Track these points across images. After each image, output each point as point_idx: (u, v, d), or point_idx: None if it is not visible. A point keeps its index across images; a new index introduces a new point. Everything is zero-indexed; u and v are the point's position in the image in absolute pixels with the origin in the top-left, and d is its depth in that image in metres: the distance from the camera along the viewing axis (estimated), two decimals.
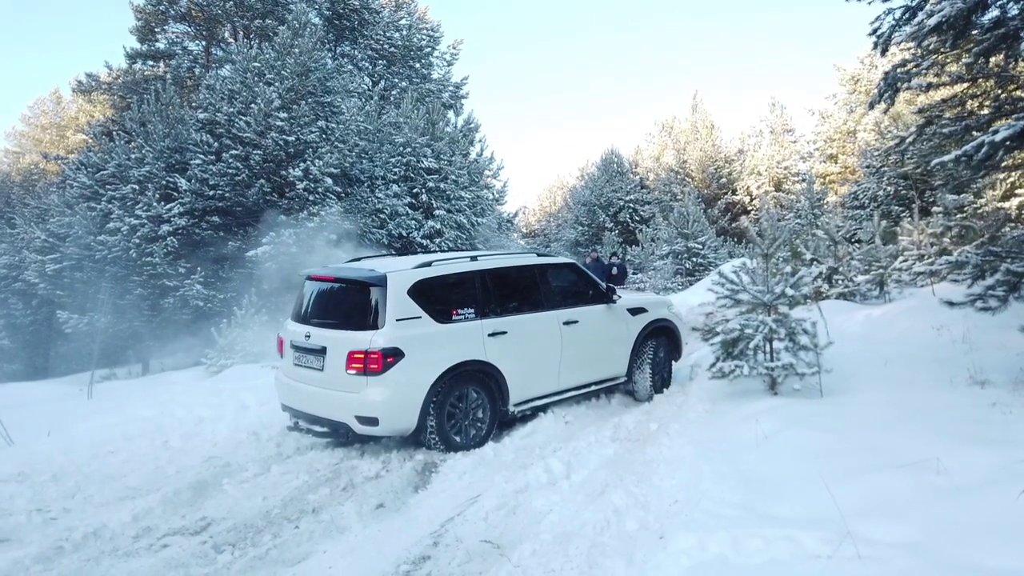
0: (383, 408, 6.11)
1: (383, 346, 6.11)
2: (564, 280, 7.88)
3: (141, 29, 25.41)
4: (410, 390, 6.21)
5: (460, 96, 31.31)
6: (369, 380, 6.12)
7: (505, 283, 7.19)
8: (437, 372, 6.34)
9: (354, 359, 6.17)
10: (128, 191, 17.29)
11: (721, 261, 23.67)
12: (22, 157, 41.14)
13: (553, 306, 7.43)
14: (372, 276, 6.55)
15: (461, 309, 6.72)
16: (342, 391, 6.28)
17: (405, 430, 6.33)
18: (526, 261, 7.67)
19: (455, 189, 23.07)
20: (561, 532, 4.05)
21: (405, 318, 6.31)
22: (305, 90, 19.11)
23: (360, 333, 6.27)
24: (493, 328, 6.81)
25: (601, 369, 7.81)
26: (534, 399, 7.14)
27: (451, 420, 6.50)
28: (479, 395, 6.70)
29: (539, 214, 49.42)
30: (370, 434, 6.32)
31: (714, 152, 40.96)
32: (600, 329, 7.78)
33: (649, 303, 8.58)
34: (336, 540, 4.45)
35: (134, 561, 4.45)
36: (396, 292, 6.34)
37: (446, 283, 6.76)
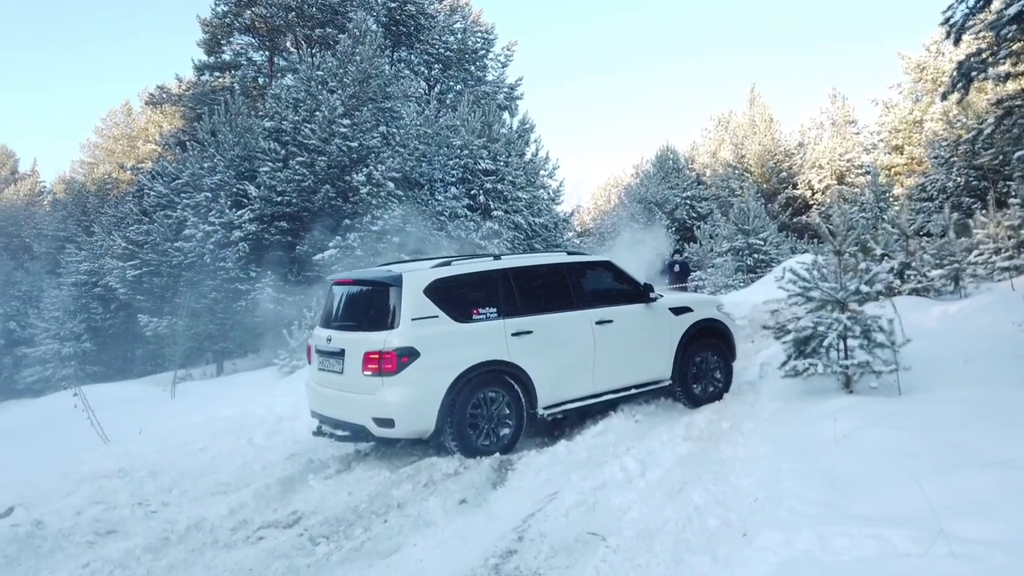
0: (399, 409, 6.06)
1: (397, 345, 6.06)
2: (597, 279, 7.66)
3: (208, 42, 26.40)
4: (427, 390, 6.12)
5: (515, 97, 31.53)
6: (384, 381, 6.07)
7: (530, 282, 7.02)
8: (455, 372, 6.23)
9: (370, 360, 6.14)
10: (201, 199, 18.04)
11: (784, 257, 23.26)
12: (96, 167, 43.11)
13: (585, 305, 7.18)
14: (388, 276, 6.53)
15: (482, 308, 6.58)
16: (360, 393, 6.25)
17: (423, 432, 6.24)
18: (553, 259, 7.52)
19: (512, 190, 23.27)
20: (643, 528, 4.15)
21: (421, 317, 6.23)
22: (366, 96, 19.57)
23: (376, 334, 6.24)
24: (517, 328, 6.65)
25: (641, 371, 7.49)
26: (567, 402, 6.92)
27: (472, 423, 6.34)
28: (503, 397, 6.52)
29: (594, 212, 49.23)
30: (387, 436, 6.26)
31: (773, 146, 40.17)
32: (638, 329, 7.48)
33: (695, 302, 8.25)
34: (424, 534, 4.63)
35: (236, 552, 4.72)
36: (412, 291, 6.29)
37: (466, 282, 6.65)
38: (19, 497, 6.24)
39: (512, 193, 23.16)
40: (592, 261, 7.86)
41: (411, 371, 6.05)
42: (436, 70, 29.81)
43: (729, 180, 38.62)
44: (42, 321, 25.72)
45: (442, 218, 20.76)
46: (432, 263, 6.80)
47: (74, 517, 5.67)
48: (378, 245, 18.10)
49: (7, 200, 44.08)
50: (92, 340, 25.42)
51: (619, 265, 7.88)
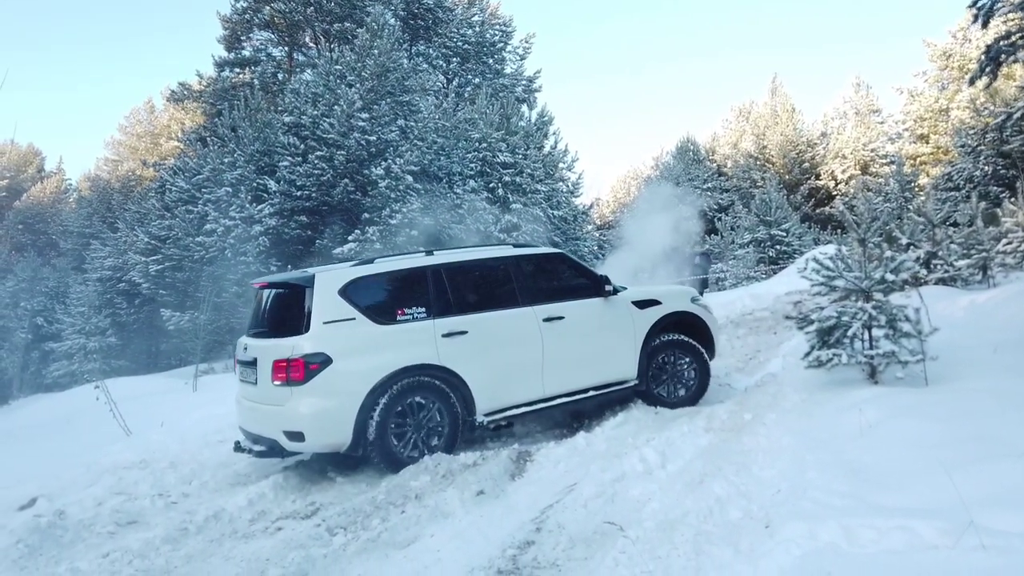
0: (308, 421, 5.65)
1: (306, 352, 5.65)
2: (548, 273, 7.19)
3: (228, 38, 26.58)
4: (340, 400, 5.70)
5: (533, 90, 31.44)
6: (293, 391, 5.66)
7: (466, 279, 6.60)
8: (374, 379, 5.80)
9: (278, 368, 5.73)
10: (222, 194, 18.18)
11: (806, 248, 23.01)
12: (120, 165, 43.64)
13: (531, 302, 6.69)
14: (301, 277, 6.17)
15: (409, 308, 6.14)
16: (272, 404, 5.87)
17: (338, 445, 5.83)
18: (495, 254, 6.98)
19: (531, 183, 23.20)
20: (664, 520, 4.08)
21: (335, 320, 5.83)
22: (384, 90, 19.58)
23: (286, 340, 5.85)
24: (449, 328, 6.19)
25: (600, 372, 6.97)
26: (511, 407, 6.46)
27: (398, 432, 5.91)
28: (433, 404, 6.06)
29: (613, 205, 48.99)
30: (299, 451, 5.94)
31: (795, 136, 39.70)
32: (594, 326, 6.98)
33: (664, 295, 7.66)
34: (441, 524, 4.60)
35: (254, 542, 4.73)
36: (324, 293, 5.89)
37: (389, 281, 6.28)
38: (42, 488, 6.32)
39: (531, 186, 23.08)
40: (542, 254, 7.32)
41: (321, 379, 5.64)
42: (454, 63, 29.78)
43: (750, 171, 38.26)
44: (68, 316, 26.11)
45: (461, 211, 20.74)
46: (354, 262, 6.45)
47: (95, 508, 5.73)
48: (397, 239, 18.13)
49: (34, 198, 44.76)
50: (117, 335, 25.77)
51: (574, 257, 7.43)
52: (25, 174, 48.57)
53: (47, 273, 31.72)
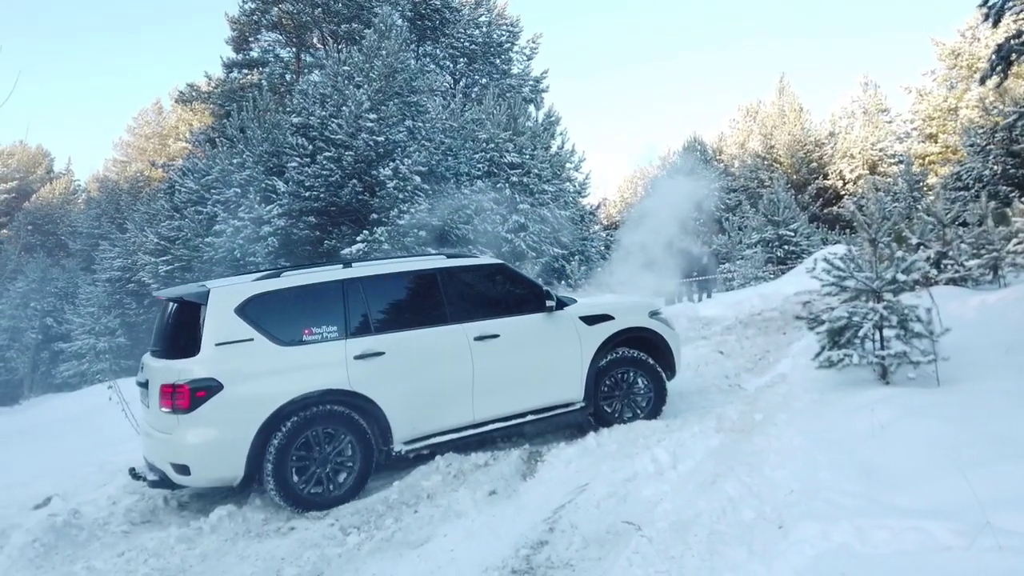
0: (193, 454, 5.16)
1: (193, 377, 5.15)
2: (483, 286, 6.64)
3: (236, 39, 26.68)
4: (231, 430, 5.18)
5: (540, 90, 31.45)
6: (179, 420, 5.16)
7: (386, 294, 6.03)
8: (271, 407, 5.25)
9: (164, 394, 5.24)
10: (231, 194, 18.27)
11: (814, 248, 22.95)
12: (129, 166, 43.91)
13: (461, 318, 6.13)
14: (195, 292, 5.63)
15: (318, 328, 5.58)
16: (161, 432, 5.39)
17: (229, 480, 5.31)
18: (422, 266, 6.37)
19: (538, 183, 23.22)
20: (676, 520, 4.09)
21: (229, 342, 5.29)
22: (392, 91, 19.63)
23: (175, 362, 5.35)
24: (363, 349, 5.63)
25: (540, 394, 6.43)
26: (435, 435, 5.89)
27: (300, 466, 5.34)
28: (342, 436, 5.48)
29: (620, 205, 48.97)
30: (187, 484, 5.41)
31: (803, 136, 39.61)
32: (534, 344, 6.42)
33: (617, 308, 7.08)
34: (454, 524, 4.63)
35: (268, 542, 4.76)
36: (218, 311, 5.35)
37: (296, 297, 5.66)
38: (56, 487, 6.37)
39: (538, 186, 23.10)
40: (476, 265, 6.71)
41: (209, 408, 5.13)
42: (461, 64, 29.82)
43: (758, 171, 38.19)
44: (78, 317, 26.26)
45: (468, 211, 20.77)
46: (256, 275, 5.90)
47: (110, 507, 5.77)
48: (405, 239, 18.18)
49: (43, 199, 45.02)
50: (126, 335, 25.91)
51: (514, 268, 6.89)
52: (34, 175, 48.86)
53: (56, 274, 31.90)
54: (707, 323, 12.06)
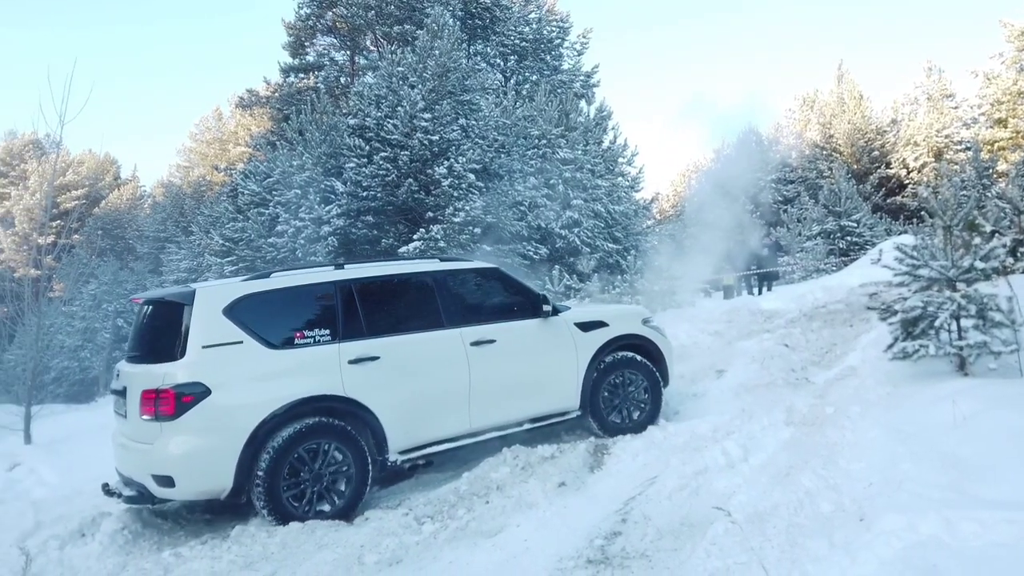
0: (178, 464, 4.87)
1: (179, 381, 4.87)
2: (478, 291, 6.50)
3: (292, 44, 27.29)
4: (219, 439, 4.90)
5: (591, 85, 31.29)
6: (163, 427, 4.87)
7: (380, 297, 5.84)
8: (262, 414, 4.97)
9: (146, 400, 4.95)
10: (292, 196, 18.69)
11: (878, 239, 22.28)
12: (191, 170, 45.35)
13: (457, 323, 5.95)
14: (179, 293, 5.43)
15: (309, 331, 5.35)
16: (140, 443, 5.10)
17: (216, 492, 5.03)
18: (416, 268, 6.24)
19: (591, 178, 23.12)
20: (752, 512, 4.06)
21: (217, 344, 5.03)
22: (445, 90, 19.79)
23: (157, 366, 5.07)
24: (357, 353, 5.40)
25: (537, 402, 6.28)
26: (432, 443, 5.70)
27: (292, 480, 5.06)
28: (336, 445, 5.21)
29: (673, 199, 48.40)
30: (170, 498, 5.13)
31: (864, 124, 38.42)
32: (530, 351, 6.28)
33: (611, 315, 6.96)
34: (526, 515, 4.67)
35: (345, 530, 4.89)
36: (206, 311, 5.09)
37: (286, 299, 5.43)
38: None
39: (591, 181, 22.99)
40: (471, 269, 6.59)
41: (196, 414, 4.85)
42: (512, 61, 29.85)
43: (817, 161, 37.23)
44: None
45: (522, 208, 20.79)
46: (246, 276, 5.81)
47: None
48: (460, 237, 18.32)
49: (111, 204, 46.84)
50: None
51: (509, 273, 6.77)
52: (103, 182, 50.81)
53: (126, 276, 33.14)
54: (769, 316, 11.84)
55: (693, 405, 7.53)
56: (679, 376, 8.72)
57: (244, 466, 4.94)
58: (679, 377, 8.67)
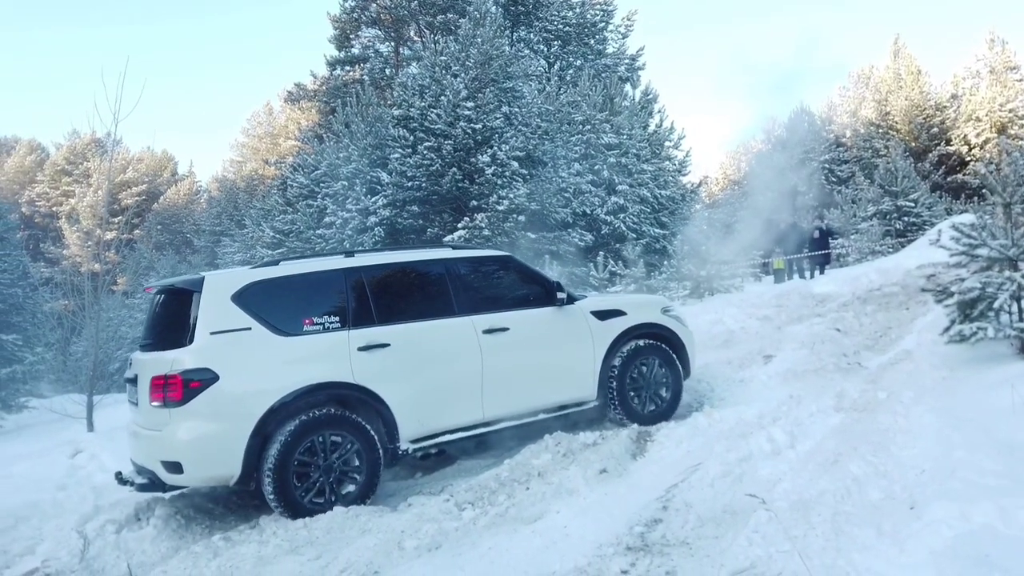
0: (187, 449, 4.87)
1: (187, 367, 4.86)
2: (490, 278, 6.37)
3: (338, 37, 27.63)
4: (227, 424, 4.89)
5: (636, 68, 30.91)
6: (172, 413, 4.88)
7: (391, 284, 5.80)
8: (271, 400, 4.94)
9: (155, 386, 4.97)
10: (339, 187, 19.01)
11: (937, 220, 21.46)
12: (244, 165, 46.41)
13: (469, 311, 5.85)
14: (189, 280, 5.46)
15: (319, 318, 5.30)
16: (150, 429, 5.13)
17: (224, 478, 5.01)
18: (427, 256, 6.20)
19: (636, 163, 22.87)
20: (797, 500, 3.96)
21: (225, 330, 5.02)
22: (488, 78, 19.79)
23: (167, 353, 5.08)
24: (367, 340, 5.33)
25: (552, 391, 6.16)
26: (444, 432, 5.61)
27: (301, 469, 5.01)
28: (346, 433, 5.15)
29: (722, 183, 47.48)
30: (179, 484, 5.12)
31: (922, 100, 36.99)
32: (545, 339, 6.17)
33: (629, 304, 6.82)
34: (567, 501, 4.65)
35: (387, 516, 4.93)
36: (214, 298, 5.09)
37: (296, 286, 5.41)
38: None
39: (637, 166, 22.74)
40: (483, 256, 6.50)
41: (204, 400, 4.84)
42: (555, 47, 29.65)
43: (872, 140, 36.03)
44: None
45: (567, 195, 20.70)
46: (255, 263, 5.76)
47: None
48: (504, 224, 18.35)
49: (169, 200, 48.34)
50: None
51: (522, 261, 6.65)
52: (161, 178, 52.46)
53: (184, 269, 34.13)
54: (821, 300, 11.52)
55: (739, 391, 7.39)
56: (725, 362, 8.58)
57: (252, 453, 4.92)
58: (725, 363, 8.53)
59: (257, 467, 4.96)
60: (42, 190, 51.89)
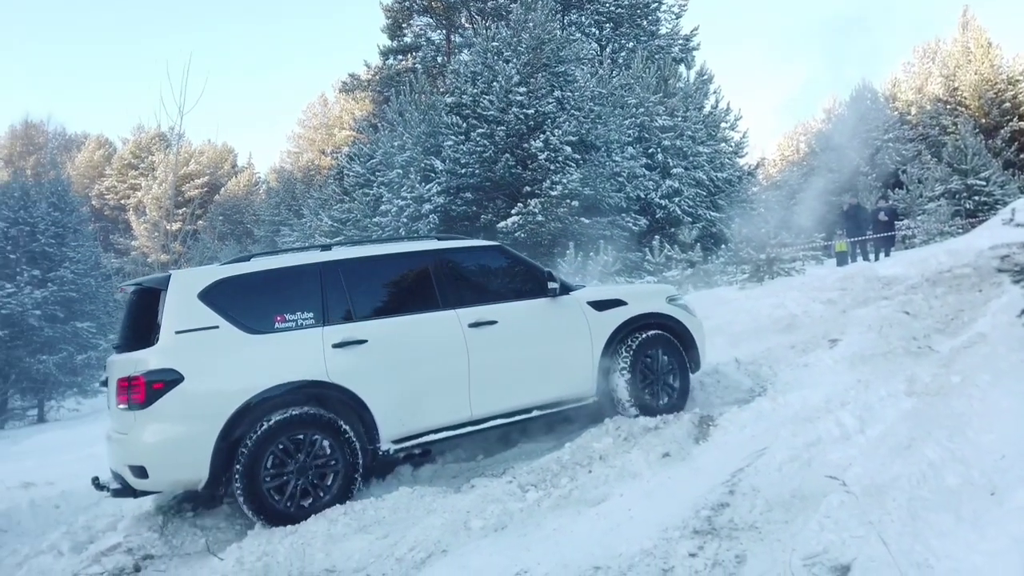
0: (151, 454, 4.71)
1: (150, 368, 4.72)
2: (477, 270, 6.15)
3: (390, 27, 27.88)
4: (193, 427, 4.72)
5: (691, 48, 30.34)
6: (136, 416, 4.73)
7: (368, 278, 5.57)
8: (238, 401, 4.78)
9: (120, 388, 4.86)
10: (394, 176, 19.25)
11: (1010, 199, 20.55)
12: (301, 156, 47.34)
13: (454, 304, 5.63)
14: (156, 279, 5.30)
15: (291, 314, 5.11)
16: (120, 433, 5.03)
17: (192, 483, 4.85)
18: (409, 248, 5.95)
19: (691, 145, 22.51)
20: (870, 484, 3.86)
21: (190, 329, 4.86)
22: (540, 63, 19.70)
23: (134, 354, 4.98)
24: (343, 336, 5.15)
25: (546, 387, 5.88)
26: (427, 432, 5.42)
27: (273, 472, 4.83)
28: (321, 434, 4.96)
29: (780, 164, 46.32)
30: (148, 489, 4.96)
31: (993, 74, 35.40)
32: (537, 331, 5.91)
33: (631, 294, 6.54)
34: (630, 484, 4.65)
35: (451, 497, 5.02)
36: (180, 296, 4.94)
37: (267, 281, 5.24)
38: None
39: (692, 149, 22.37)
40: (469, 247, 6.29)
41: (167, 401, 4.68)
42: (607, 29, 29.31)
43: (939, 116, 34.66)
44: None
45: (620, 179, 20.51)
46: (225, 260, 5.61)
47: None
48: (558, 210, 18.29)
49: (230, 191, 49.67)
50: None
51: (512, 250, 6.41)
52: (222, 170, 53.92)
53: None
54: (888, 283, 11.16)
55: (804, 375, 7.22)
56: (789, 346, 8.42)
57: (220, 456, 4.76)
58: (788, 347, 8.37)
59: (227, 471, 4.80)
60: (110, 184, 53.95)
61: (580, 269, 14.31)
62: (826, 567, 3.23)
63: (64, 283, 20.58)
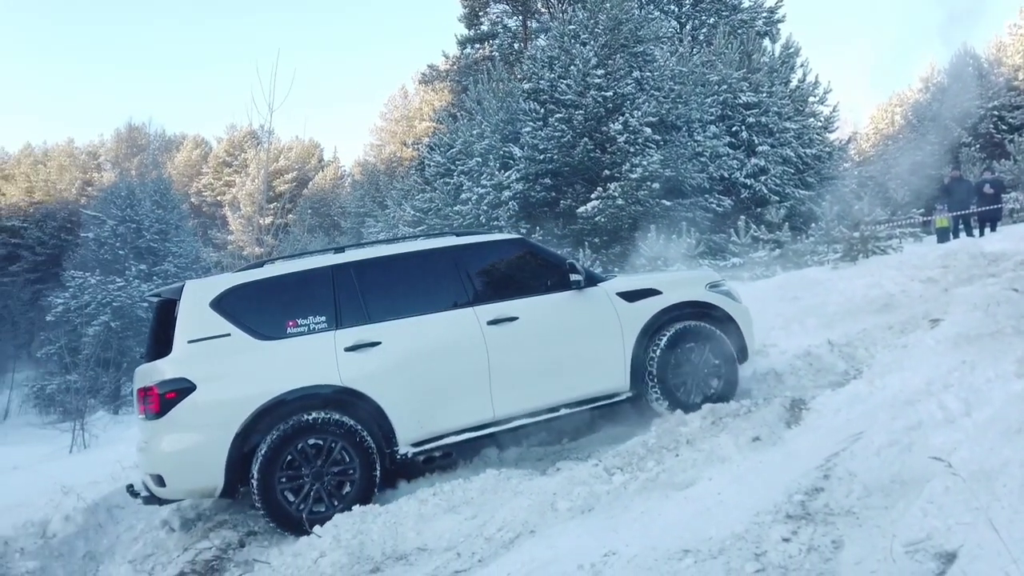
0: (166, 463, 4.81)
1: (163, 378, 4.81)
2: (496, 265, 5.96)
3: (468, 16, 28.08)
4: (206, 435, 4.78)
5: (776, 21, 29.22)
6: (153, 426, 4.86)
7: (381, 279, 5.49)
8: (250, 409, 4.80)
9: (140, 399, 5.04)
10: (473, 164, 19.44)
11: None
12: (383, 148, 48.40)
13: (472, 301, 5.51)
14: (171, 288, 5.37)
15: (304, 319, 5.12)
16: (143, 442, 5.16)
17: (207, 491, 4.93)
18: (425, 246, 5.83)
19: (778, 121, 21.74)
20: (977, 469, 3.67)
21: (203, 338, 4.91)
22: (618, 44, 19.43)
23: (151, 364, 5.09)
24: (356, 339, 5.12)
25: (573, 384, 5.68)
26: (448, 434, 5.32)
27: (289, 478, 4.87)
28: (335, 439, 4.94)
29: (873, 139, 44.11)
30: (166, 497, 5.05)
31: None
32: (561, 326, 5.70)
33: (666, 283, 6.23)
34: (718, 469, 4.57)
35: (537, 480, 5.07)
36: (192, 306, 5.00)
37: (280, 287, 5.26)
38: None
39: (778, 125, 21.58)
40: (487, 242, 6.11)
41: (181, 411, 4.75)
42: (687, 6, 28.56)
43: None
44: None
45: (703, 159, 20.02)
46: (240, 267, 5.67)
47: None
48: (638, 193, 18.03)
49: (317, 185, 51.34)
50: None
51: (533, 242, 6.17)
52: (309, 165, 55.75)
53: None
54: (994, 259, 10.51)
55: (903, 357, 6.87)
56: (886, 327, 8.06)
57: (234, 464, 4.80)
58: (886, 328, 8.01)
59: (243, 478, 4.86)
60: (207, 181, 56.75)
61: (662, 253, 14.08)
62: (930, 554, 3.10)
63: (168, 277, 21.84)
